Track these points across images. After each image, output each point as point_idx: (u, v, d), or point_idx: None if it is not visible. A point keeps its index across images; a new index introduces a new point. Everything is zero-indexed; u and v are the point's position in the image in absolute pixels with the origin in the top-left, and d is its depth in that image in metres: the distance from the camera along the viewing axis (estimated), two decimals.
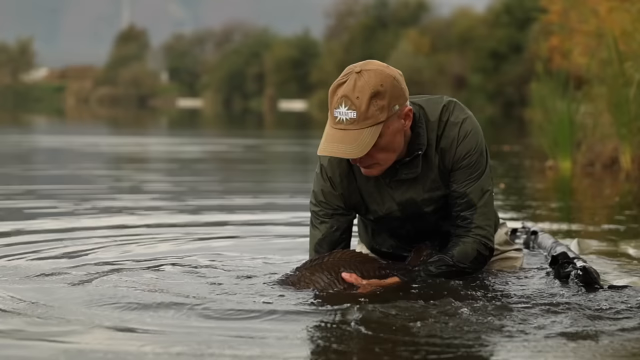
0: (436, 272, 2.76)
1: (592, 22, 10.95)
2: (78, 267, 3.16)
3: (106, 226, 4.44)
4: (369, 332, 2.28)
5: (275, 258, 3.45)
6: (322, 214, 2.81)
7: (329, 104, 2.61)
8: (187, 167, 9.53)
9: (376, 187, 2.79)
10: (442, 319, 2.37)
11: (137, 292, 2.69)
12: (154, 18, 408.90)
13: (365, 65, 2.60)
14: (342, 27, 62.73)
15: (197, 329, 2.31)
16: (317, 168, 2.83)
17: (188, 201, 5.85)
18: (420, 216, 2.83)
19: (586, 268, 2.83)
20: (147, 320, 2.38)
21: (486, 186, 2.78)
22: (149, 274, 3.01)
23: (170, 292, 2.69)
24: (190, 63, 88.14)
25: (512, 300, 2.59)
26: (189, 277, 2.96)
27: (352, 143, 2.55)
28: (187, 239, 4.04)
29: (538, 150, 10.18)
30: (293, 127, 24.46)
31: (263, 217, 5.07)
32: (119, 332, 2.28)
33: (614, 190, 7.10)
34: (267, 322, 2.37)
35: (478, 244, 2.77)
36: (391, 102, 2.58)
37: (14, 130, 19.60)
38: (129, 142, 14.84)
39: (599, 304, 2.56)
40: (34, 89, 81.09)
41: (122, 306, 2.52)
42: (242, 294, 2.67)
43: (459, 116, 2.75)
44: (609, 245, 3.96)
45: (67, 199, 5.75)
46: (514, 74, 43.35)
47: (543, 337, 2.22)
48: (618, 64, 8.38)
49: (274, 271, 3.03)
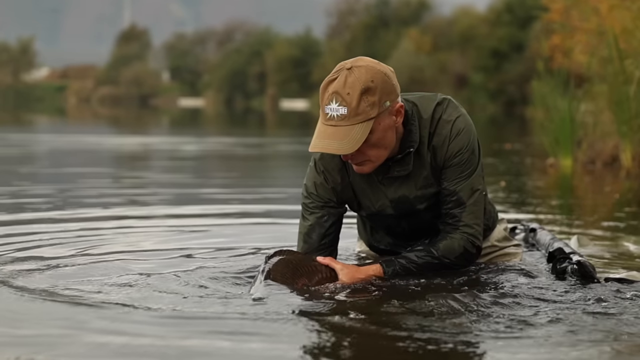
0: (418, 261, 2.77)
1: (593, 20, 10.94)
2: (79, 257, 3.18)
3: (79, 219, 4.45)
4: (357, 327, 2.27)
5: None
6: (312, 206, 2.81)
7: (320, 100, 2.62)
8: (188, 165, 9.55)
9: (369, 184, 2.80)
10: (436, 314, 2.37)
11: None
12: (155, 17, 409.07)
13: (356, 61, 2.61)
14: (344, 26, 62.79)
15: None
16: (310, 162, 2.85)
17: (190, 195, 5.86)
18: (413, 213, 2.84)
19: (582, 262, 2.84)
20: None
21: (476, 185, 2.78)
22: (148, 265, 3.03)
23: (154, 289, 2.70)
24: (191, 62, 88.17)
25: (508, 296, 2.59)
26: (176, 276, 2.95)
27: (343, 139, 2.56)
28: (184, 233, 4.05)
29: (539, 148, 10.19)
30: (295, 127, 24.45)
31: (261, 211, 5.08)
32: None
33: (614, 188, 7.10)
34: (255, 321, 2.33)
35: (465, 241, 2.78)
36: (382, 98, 2.58)
37: (16, 129, 19.63)
38: (131, 142, 14.85)
39: (595, 297, 2.57)
40: (35, 89, 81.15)
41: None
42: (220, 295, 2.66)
43: (452, 114, 2.75)
44: (609, 242, 3.97)
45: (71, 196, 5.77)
46: (515, 73, 43.36)
47: (539, 331, 2.22)
48: (619, 62, 8.38)
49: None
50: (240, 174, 8.60)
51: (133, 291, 2.67)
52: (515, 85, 42.84)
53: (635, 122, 8.27)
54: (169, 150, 12.77)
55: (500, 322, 2.31)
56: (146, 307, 2.45)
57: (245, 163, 10.25)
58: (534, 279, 2.84)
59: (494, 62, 46.70)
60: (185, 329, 2.26)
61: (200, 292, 2.67)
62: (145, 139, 15.72)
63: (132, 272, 2.98)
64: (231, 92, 74.37)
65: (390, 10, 59.98)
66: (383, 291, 2.63)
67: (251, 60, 73.65)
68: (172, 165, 9.69)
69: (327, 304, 2.48)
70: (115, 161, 10.49)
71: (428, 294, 2.55)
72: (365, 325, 2.29)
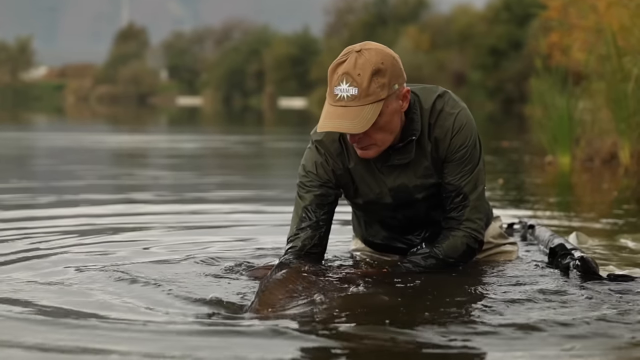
0: (424, 264, 2.78)
1: (591, 17, 10.94)
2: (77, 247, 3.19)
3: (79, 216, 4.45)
4: (359, 327, 2.25)
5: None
6: (309, 185, 2.79)
7: (329, 82, 2.61)
8: (188, 163, 9.55)
9: (368, 171, 2.79)
10: (438, 314, 2.37)
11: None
12: (153, 16, 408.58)
13: (364, 45, 2.62)
14: (342, 24, 62.74)
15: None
16: (309, 145, 2.83)
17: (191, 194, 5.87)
18: (411, 204, 2.84)
19: (584, 258, 2.83)
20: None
21: (480, 180, 2.79)
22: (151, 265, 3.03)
23: (162, 285, 2.70)
24: (189, 61, 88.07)
25: (507, 296, 2.58)
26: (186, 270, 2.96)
27: (353, 119, 2.55)
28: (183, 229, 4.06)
29: (537, 146, 10.19)
30: (293, 125, 24.44)
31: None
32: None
33: (612, 185, 7.11)
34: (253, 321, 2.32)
35: (468, 237, 2.79)
36: (391, 80, 2.59)
37: (16, 128, 19.61)
38: (129, 140, 14.84)
39: (599, 293, 2.57)
40: (34, 88, 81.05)
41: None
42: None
43: (454, 107, 2.77)
44: (607, 239, 3.97)
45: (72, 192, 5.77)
46: (513, 71, 43.36)
47: (542, 327, 2.21)
48: (617, 60, 8.38)
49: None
50: (237, 171, 8.60)
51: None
52: (514, 83, 42.83)
53: (634, 119, 8.27)
54: (168, 148, 12.76)
55: (500, 322, 2.30)
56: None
57: (242, 161, 10.25)
58: (535, 276, 2.84)
59: (492, 60, 46.69)
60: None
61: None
62: (144, 137, 15.71)
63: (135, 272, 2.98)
64: (229, 91, 74.29)
65: (389, 8, 59.95)
66: (380, 293, 2.58)
67: (249, 58, 73.56)
68: (171, 163, 9.68)
69: (328, 310, 2.40)
70: (114, 159, 10.48)
71: (425, 295, 2.54)
72: (364, 327, 2.25)
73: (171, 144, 13.77)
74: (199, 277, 2.83)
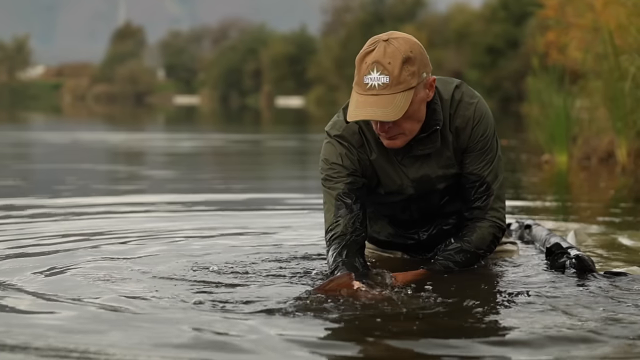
0: (458, 259, 2.78)
1: (588, 16, 10.94)
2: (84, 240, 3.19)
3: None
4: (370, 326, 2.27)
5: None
6: (337, 175, 2.75)
7: (357, 72, 2.59)
8: (186, 161, 9.55)
9: (389, 163, 2.78)
10: (434, 315, 2.37)
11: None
12: (150, 15, 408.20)
13: (391, 34, 2.62)
14: (339, 23, 62.71)
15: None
16: (326, 139, 2.80)
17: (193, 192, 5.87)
18: (428, 195, 2.83)
19: (580, 256, 2.84)
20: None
21: (500, 169, 2.83)
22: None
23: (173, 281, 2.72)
24: (186, 60, 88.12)
25: (507, 295, 2.58)
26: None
27: (386, 107, 2.54)
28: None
29: (534, 145, 10.20)
30: (290, 123, 24.45)
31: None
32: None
33: (609, 184, 7.12)
34: (276, 317, 2.34)
35: (494, 227, 2.81)
36: (420, 68, 2.60)
37: (13, 127, 19.60)
38: (126, 138, 14.84)
39: (595, 291, 2.57)
40: (31, 87, 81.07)
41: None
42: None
43: (473, 97, 2.79)
44: (605, 237, 3.98)
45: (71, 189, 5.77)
46: (510, 69, 43.34)
47: (538, 330, 2.21)
48: (614, 58, 8.38)
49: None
50: (233, 169, 8.60)
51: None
52: (511, 82, 42.82)
53: (630, 118, 8.27)
54: (165, 146, 12.76)
55: (500, 322, 2.31)
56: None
57: (239, 158, 10.25)
58: (532, 276, 2.84)
59: (489, 59, 46.68)
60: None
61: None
62: (141, 136, 15.71)
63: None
64: (226, 90, 74.29)
65: (386, 7, 59.93)
66: (389, 297, 2.52)
67: (246, 57, 73.57)
68: (167, 161, 9.69)
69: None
70: (112, 158, 10.48)
71: (430, 296, 2.53)
72: (375, 327, 2.26)
73: (169, 142, 13.77)
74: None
